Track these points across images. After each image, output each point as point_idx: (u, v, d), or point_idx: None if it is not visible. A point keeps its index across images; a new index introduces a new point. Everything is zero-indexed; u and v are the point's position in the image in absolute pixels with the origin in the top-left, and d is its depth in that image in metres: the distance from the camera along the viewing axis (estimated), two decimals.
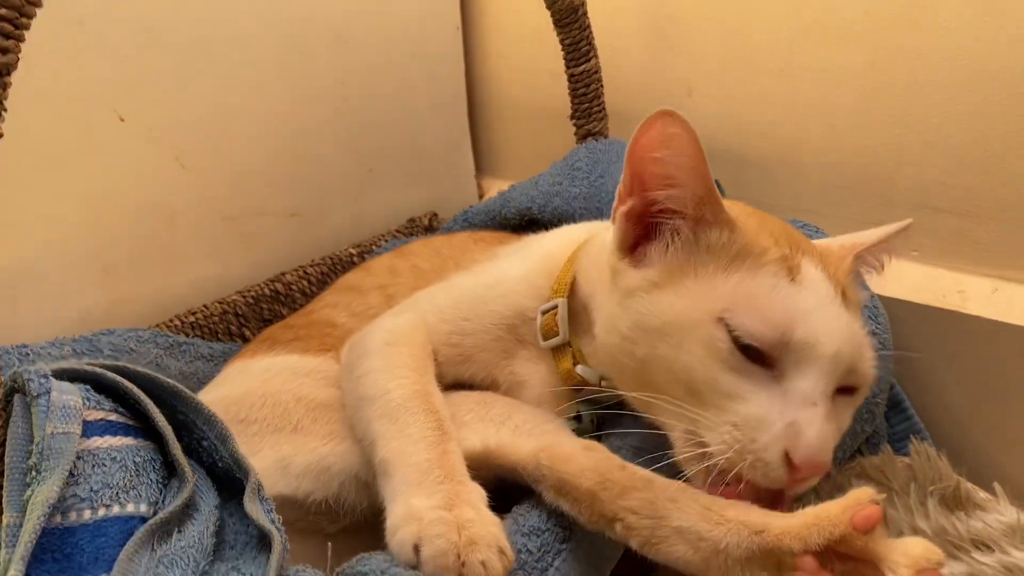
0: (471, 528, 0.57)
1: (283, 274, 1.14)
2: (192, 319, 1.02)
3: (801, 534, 0.55)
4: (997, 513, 0.89)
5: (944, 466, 0.92)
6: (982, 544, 0.86)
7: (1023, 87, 0.87)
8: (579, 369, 0.73)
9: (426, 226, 1.30)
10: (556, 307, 0.75)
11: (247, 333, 1.07)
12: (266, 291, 1.10)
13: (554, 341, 0.74)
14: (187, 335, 1.01)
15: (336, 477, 0.70)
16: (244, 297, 1.08)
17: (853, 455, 0.95)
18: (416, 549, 0.57)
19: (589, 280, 0.74)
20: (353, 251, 1.20)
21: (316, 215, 1.21)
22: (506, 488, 0.67)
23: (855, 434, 0.88)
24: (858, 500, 0.56)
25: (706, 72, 1.12)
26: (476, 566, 0.55)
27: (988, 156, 0.92)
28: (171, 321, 1.01)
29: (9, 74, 0.54)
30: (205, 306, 1.05)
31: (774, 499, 0.60)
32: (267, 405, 0.78)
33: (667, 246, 0.65)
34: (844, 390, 0.63)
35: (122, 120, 0.97)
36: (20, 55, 0.55)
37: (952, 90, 0.92)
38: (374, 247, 1.22)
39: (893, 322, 0.95)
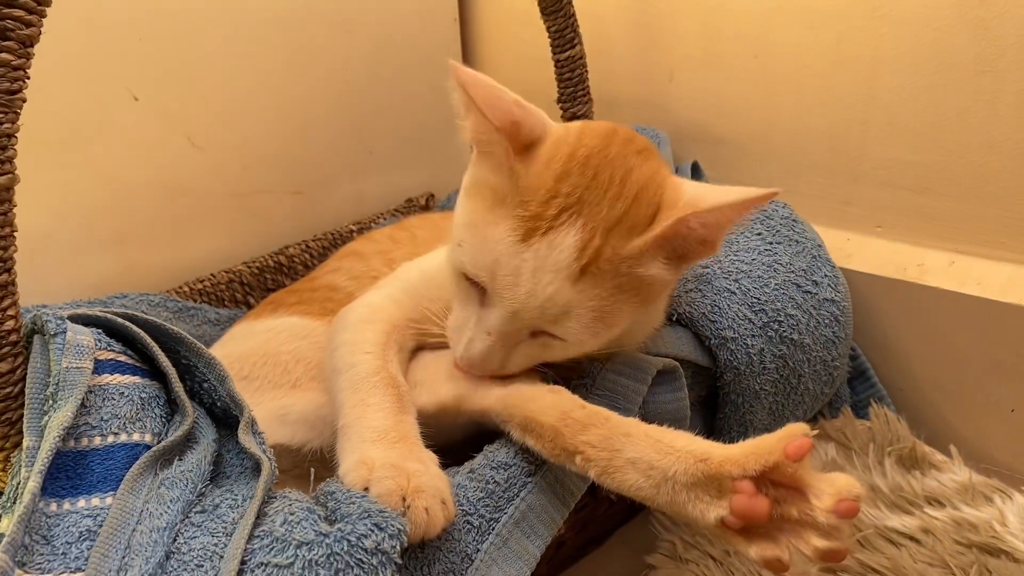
0: (419, 478, 0.61)
1: (287, 247, 1.20)
2: (200, 286, 1.09)
3: (740, 461, 0.60)
4: (951, 473, 0.94)
5: (902, 428, 0.97)
6: (935, 500, 0.91)
7: (979, 68, 0.92)
8: None
9: (423, 206, 1.36)
10: None
11: (251, 301, 1.13)
12: (270, 263, 1.17)
13: None
14: (195, 301, 1.07)
15: (330, 427, 0.74)
16: (249, 267, 1.15)
17: (815, 417, 1.00)
18: (365, 492, 0.60)
19: None
20: (353, 227, 1.26)
21: (319, 193, 1.27)
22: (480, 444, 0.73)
23: (816, 397, 0.94)
24: (791, 433, 0.60)
25: (686, 57, 1.17)
26: (420, 511, 0.59)
27: (945, 136, 0.96)
28: (180, 288, 1.08)
29: (32, 45, 0.61)
30: (213, 275, 1.11)
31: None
32: (268, 364, 0.84)
33: (484, 169, 0.72)
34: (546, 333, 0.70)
35: (136, 99, 1.03)
36: (42, 29, 0.61)
37: (910, 71, 0.97)
38: (373, 224, 1.28)
39: (856, 294, 1.00)
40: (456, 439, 0.74)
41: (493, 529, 0.66)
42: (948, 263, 0.99)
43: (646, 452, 0.64)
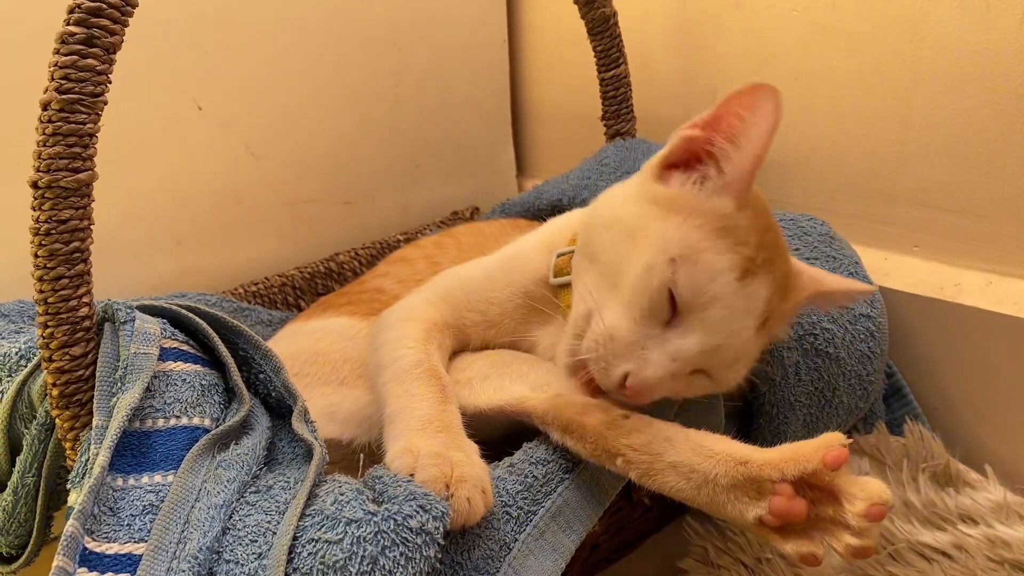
0: (461, 467, 0.63)
1: (337, 254, 1.25)
2: (254, 288, 1.14)
3: (779, 466, 0.62)
4: (986, 492, 0.94)
5: (937, 445, 0.98)
6: (968, 518, 0.91)
7: (1018, 92, 0.93)
8: None
9: (467, 219, 1.39)
10: (572, 251, 0.81)
11: (302, 304, 1.18)
12: (321, 268, 1.22)
13: (564, 279, 0.81)
14: (249, 302, 1.12)
15: (377, 424, 0.77)
16: (301, 272, 1.19)
17: (849, 432, 1.01)
18: (411, 478, 0.62)
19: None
20: (400, 237, 1.31)
21: (368, 204, 1.31)
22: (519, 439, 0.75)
23: (850, 410, 0.95)
24: (829, 443, 0.62)
25: (728, 78, 1.19)
26: (462, 500, 0.61)
27: (982, 157, 0.97)
28: (235, 289, 1.13)
29: (115, 52, 0.66)
30: (266, 278, 1.16)
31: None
32: (318, 362, 0.87)
33: (689, 184, 0.71)
34: (704, 372, 0.71)
35: (200, 109, 1.09)
36: (124, 37, 0.66)
37: (949, 93, 0.98)
38: (419, 235, 1.32)
39: (893, 312, 1.01)
40: (494, 436, 0.76)
41: (531, 521, 0.68)
42: (985, 283, 1.00)
43: (687, 456, 0.66)
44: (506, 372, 0.80)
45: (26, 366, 0.74)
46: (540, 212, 1.17)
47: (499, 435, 0.77)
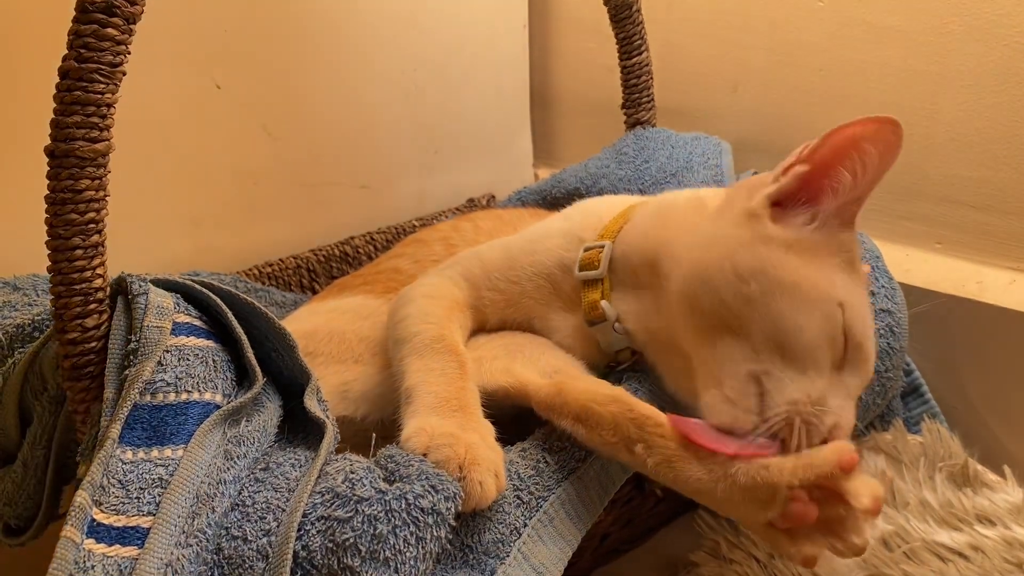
0: (475, 450, 0.63)
1: (352, 238, 1.24)
2: (269, 270, 1.14)
3: (797, 472, 0.62)
4: (1004, 493, 0.93)
5: (955, 445, 0.96)
6: (986, 519, 0.90)
7: None
8: (603, 303, 0.79)
9: (484, 206, 1.38)
10: (602, 247, 0.80)
11: (316, 287, 1.17)
12: (336, 252, 1.22)
13: (590, 274, 0.80)
14: (263, 283, 1.12)
15: (391, 403, 0.77)
16: (316, 255, 1.19)
17: (866, 429, 1.00)
18: (424, 457, 0.63)
19: (654, 234, 0.79)
20: (416, 223, 1.30)
21: (384, 188, 1.30)
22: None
23: (867, 407, 0.94)
24: (841, 448, 0.63)
25: (750, 70, 1.18)
26: (474, 483, 0.61)
27: (1010, 153, 0.96)
28: (250, 270, 1.12)
29: (135, 22, 0.65)
30: (281, 259, 1.16)
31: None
32: (332, 341, 0.87)
33: (810, 221, 0.71)
34: None
35: (218, 88, 1.08)
36: (145, 8, 0.66)
37: (977, 87, 0.97)
38: (435, 220, 1.31)
39: (913, 309, 1.00)
40: (506, 416, 0.75)
41: (541, 507, 0.68)
42: (1008, 281, 0.98)
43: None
44: (516, 355, 0.79)
45: (38, 337, 0.74)
46: (557, 200, 1.17)
47: (510, 415, 0.76)
